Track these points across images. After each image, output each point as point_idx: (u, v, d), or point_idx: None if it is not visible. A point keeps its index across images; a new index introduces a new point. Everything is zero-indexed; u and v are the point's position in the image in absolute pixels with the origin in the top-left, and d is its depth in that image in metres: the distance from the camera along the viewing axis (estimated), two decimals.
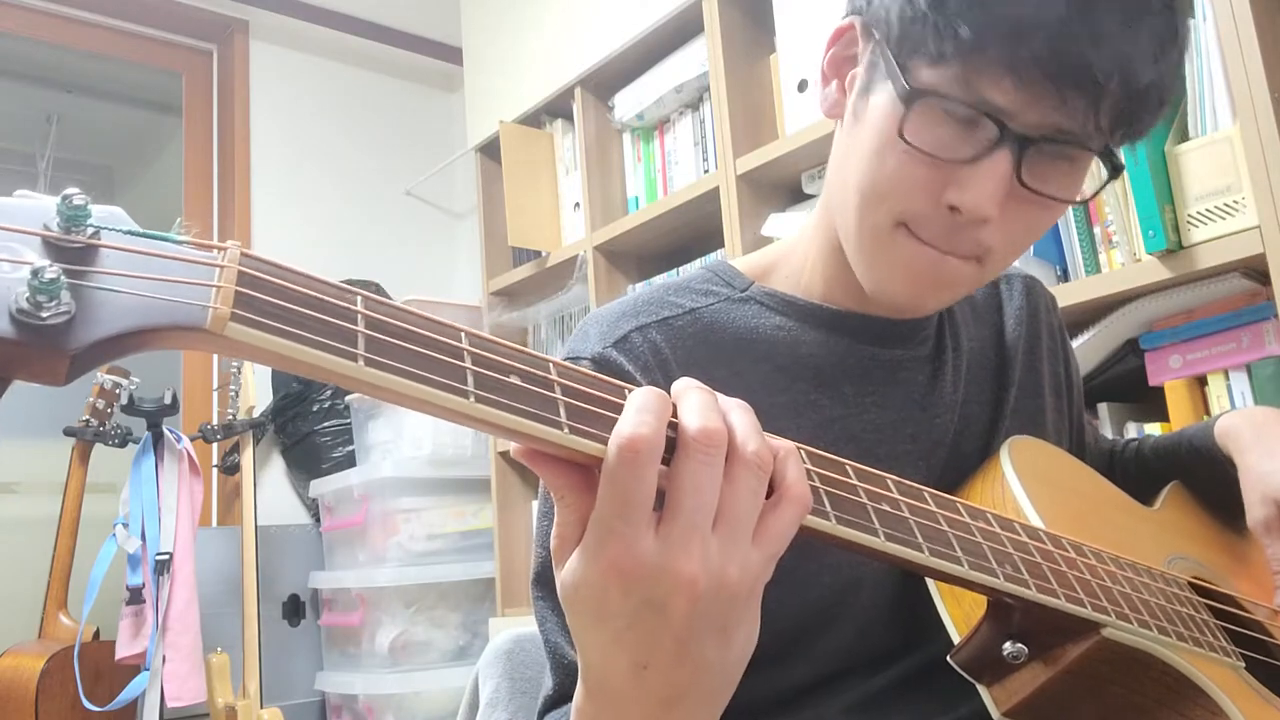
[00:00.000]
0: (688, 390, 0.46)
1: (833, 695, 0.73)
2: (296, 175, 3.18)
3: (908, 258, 0.69)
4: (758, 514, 0.45)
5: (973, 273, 0.70)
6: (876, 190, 0.68)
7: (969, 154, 0.64)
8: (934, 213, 0.67)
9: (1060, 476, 0.79)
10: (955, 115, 0.64)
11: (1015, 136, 0.63)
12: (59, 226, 0.36)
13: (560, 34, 2.49)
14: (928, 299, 0.73)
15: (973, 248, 0.68)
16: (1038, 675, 0.61)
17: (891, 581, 0.74)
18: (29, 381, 0.36)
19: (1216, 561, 0.85)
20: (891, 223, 0.69)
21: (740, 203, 2.01)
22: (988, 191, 0.64)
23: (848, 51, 0.74)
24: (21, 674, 2.23)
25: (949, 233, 0.67)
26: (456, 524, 2.61)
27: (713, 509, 0.44)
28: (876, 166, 0.68)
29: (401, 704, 2.43)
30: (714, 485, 0.44)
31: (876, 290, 0.73)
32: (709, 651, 0.45)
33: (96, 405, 2.45)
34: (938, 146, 0.65)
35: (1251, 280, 1.35)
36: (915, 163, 0.66)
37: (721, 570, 0.44)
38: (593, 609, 0.45)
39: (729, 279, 0.81)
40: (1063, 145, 0.65)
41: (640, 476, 0.42)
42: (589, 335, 0.76)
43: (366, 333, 0.40)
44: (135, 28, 3.10)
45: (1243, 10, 1.29)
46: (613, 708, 0.48)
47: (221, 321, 0.37)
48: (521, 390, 0.43)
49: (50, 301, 0.34)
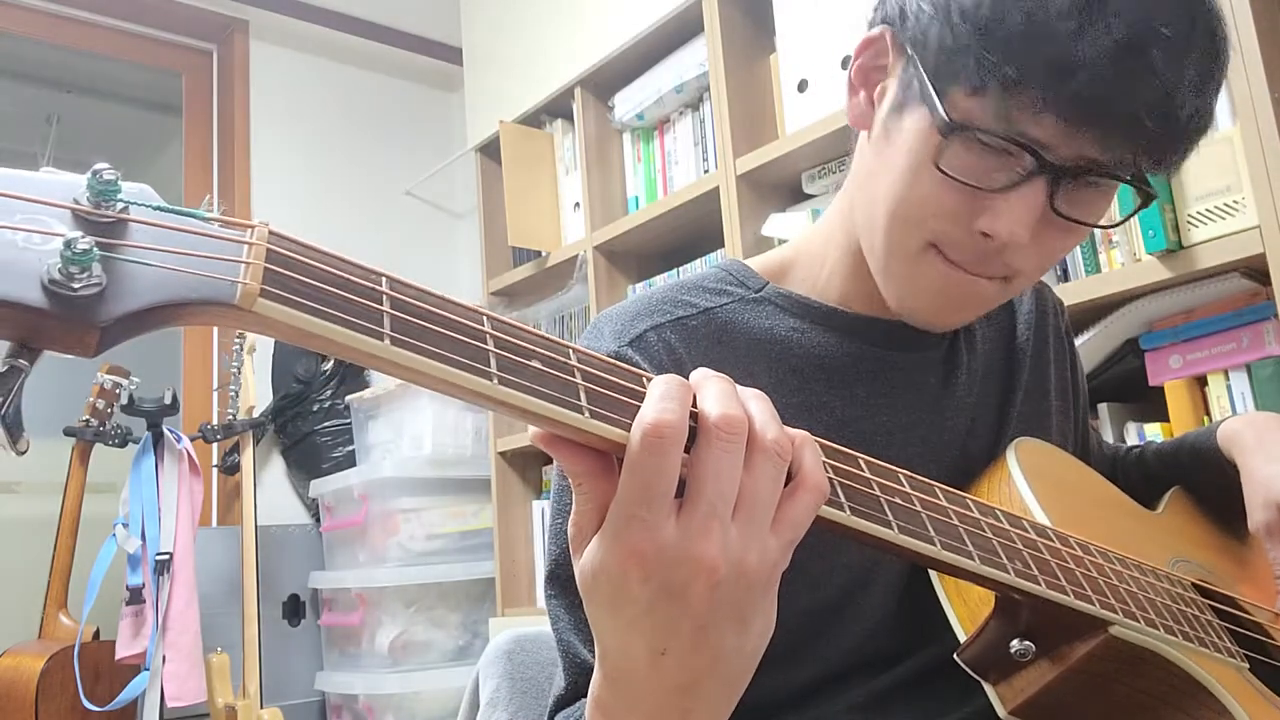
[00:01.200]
0: (707, 379, 0.46)
1: (839, 694, 0.73)
2: (296, 175, 3.17)
3: (938, 279, 0.69)
4: (776, 501, 0.45)
5: (998, 291, 0.71)
6: (908, 213, 0.68)
7: (1004, 183, 0.64)
8: (966, 237, 0.67)
9: (1065, 478, 0.79)
10: (992, 145, 0.64)
11: (1052, 168, 0.63)
12: (89, 201, 0.36)
13: (560, 34, 2.49)
14: (953, 318, 0.74)
15: (1001, 270, 0.69)
16: (1044, 673, 0.61)
17: (900, 581, 0.74)
18: (60, 353, 0.36)
19: (1218, 565, 0.85)
20: (922, 244, 0.69)
21: (740, 203, 2.02)
22: (1023, 220, 0.64)
23: (878, 62, 0.73)
24: (21, 674, 2.23)
25: (980, 257, 0.68)
26: (456, 524, 2.61)
27: (733, 496, 0.44)
28: (908, 189, 0.68)
29: (401, 704, 2.43)
30: (734, 473, 0.44)
31: (902, 307, 0.73)
32: (727, 638, 0.45)
33: (97, 405, 2.44)
34: (973, 175, 0.65)
35: (1251, 280, 1.35)
36: (949, 189, 0.66)
37: (741, 557, 0.44)
38: (611, 595, 0.45)
39: (744, 279, 0.81)
40: (1098, 176, 0.64)
41: (664, 463, 0.43)
42: (603, 333, 0.76)
43: (391, 313, 0.40)
44: (135, 28, 3.09)
45: (1243, 10, 1.29)
46: (630, 694, 0.48)
47: (251, 297, 0.37)
48: (543, 374, 0.43)
49: (82, 273, 0.34)
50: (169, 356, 3.04)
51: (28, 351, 0.35)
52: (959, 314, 0.74)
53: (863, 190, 0.74)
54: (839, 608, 0.73)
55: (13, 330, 0.35)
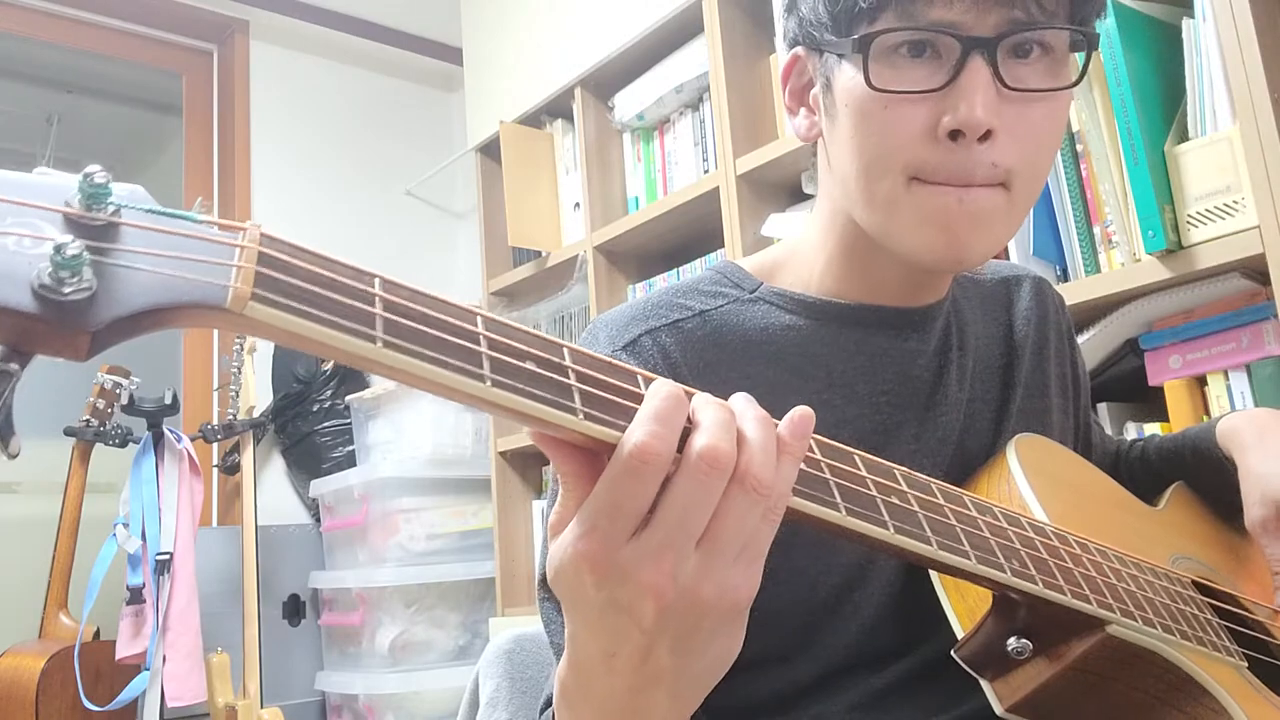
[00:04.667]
0: (707, 405, 0.45)
1: (836, 693, 0.73)
2: (296, 175, 3.18)
3: (932, 205, 0.68)
4: (748, 537, 0.45)
5: (1003, 202, 0.68)
6: (876, 156, 0.69)
7: (944, 78, 0.66)
8: (938, 150, 0.66)
9: (1066, 475, 0.79)
10: (915, 50, 0.66)
11: (977, 42, 0.65)
12: (80, 204, 0.36)
13: (560, 34, 2.49)
14: (968, 242, 0.69)
15: (989, 172, 0.67)
16: (1041, 671, 0.61)
17: (897, 579, 0.74)
18: (51, 357, 0.36)
19: (1219, 562, 0.85)
20: (904, 181, 0.68)
21: (740, 203, 2.02)
22: (979, 101, 0.64)
23: (803, 79, 0.77)
24: (22, 674, 2.23)
25: (961, 164, 0.66)
26: (456, 524, 2.61)
27: (699, 528, 0.44)
28: (866, 134, 0.69)
29: (401, 704, 2.43)
30: (705, 507, 0.43)
31: (917, 251, 0.70)
32: (676, 659, 0.46)
33: (97, 405, 2.44)
34: (912, 83, 0.66)
35: (1251, 280, 1.35)
36: (899, 111, 0.67)
37: (694, 586, 0.44)
38: (568, 592, 0.46)
39: (737, 280, 0.81)
40: (1026, 36, 0.66)
41: (639, 488, 0.43)
42: (598, 338, 0.76)
43: (384, 315, 0.40)
44: (135, 28, 3.09)
45: (1242, 10, 1.29)
46: (587, 684, 0.49)
47: (242, 301, 0.37)
48: (537, 375, 0.43)
49: (72, 278, 0.34)
50: (169, 356, 3.05)
51: (19, 356, 0.35)
52: (972, 236, 0.69)
53: (835, 174, 0.75)
54: (836, 605, 0.73)
55: (3, 335, 0.35)
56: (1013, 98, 0.66)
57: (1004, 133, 0.66)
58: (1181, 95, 1.40)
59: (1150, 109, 1.39)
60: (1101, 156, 1.46)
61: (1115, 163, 1.44)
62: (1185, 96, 1.39)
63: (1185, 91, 1.39)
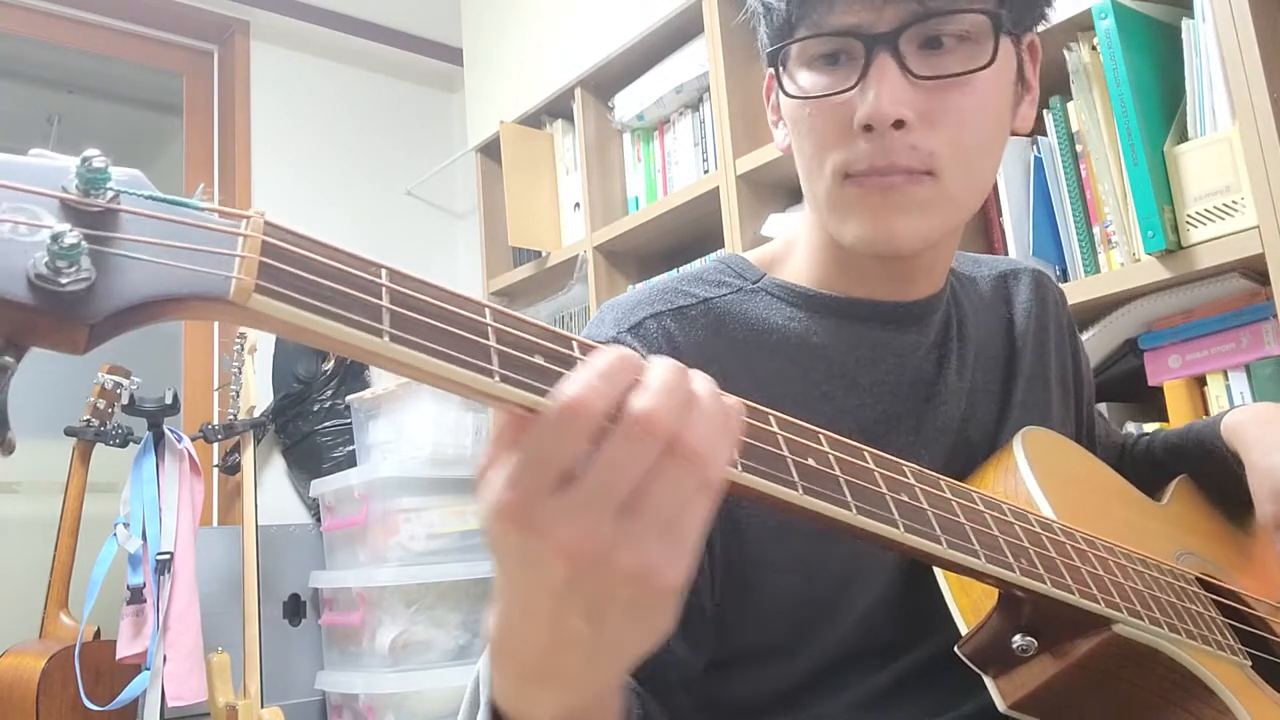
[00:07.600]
0: (658, 367, 0.42)
1: (836, 691, 0.73)
2: (296, 176, 3.17)
3: (859, 197, 0.72)
4: (680, 511, 0.41)
5: (931, 191, 0.71)
6: (810, 158, 0.74)
7: (855, 78, 0.69)
8: (858, 145, 0.70)
9: (1071, 469, 0.79)
10: (830, 59, 0.72)
11: (879, 39, 0.68)
12: (77, 189, 0.35)
13: (560, 34, 2.49)
14: (896, 228, 0.71)
15: (911, 157, 0.70)
16: (1046, 669, 0.61)
17: (896, 572, 0.74)
18: (47, 349, 0.34)
19: (1223, 557, 0.85)
20: (837, 181, 0.73)
21: (740, 203, 2.02)
22: (887, 95, 0.68)
23: (774, 95, 0.82)
24: (22, 674, 2.23)
25: (881, 153, 0.70)
26: (457, 523, 2.61)
27: (622, 492, 0.40)
28: (799, 140, 0.75)
29: (402, 703, 2.43)
30: (632, 471, 0.40)
31: (856, 243, 0.74)
32: (591, 627, 0.42)
33: (97, 405, 2.44)
34: (827, 88, 0.71)
35: (1250, 280, 1.36)
36: (822, 115, 0.72)
37: (610, 551, 0.40)
38: (493, 542, 0.43)
39: (741, 270, 0.82)
40: (928, 25, 0.68)
41: (566, 442, 0.40)
42: (604, 321, 0.78)
43: (391, 308, 0.39)
44: (135, 28, 3.09)
45: (1242, 10, 1.30)
46: (507, 637, 0.46)
47: (245, 293, 0.36)
48: (546, 370, 0.42)
49: (70, 268, 0.33)
50: (170, 356, 3.04)
51: (14, 348, 0.34)
52: (900, 222, 0.71)
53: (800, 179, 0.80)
54: (836, 598, 0.73)
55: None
56: (926, 86, 0.69)
57: (921, 120, 0.69)
58: (1181, 95, 1.40)
59: (1150, 109, 1.40)
60: (1101, 157, 1.46)
61: (1115, 163, 1.44)
62: (1185, 97, 1.39)
63: (1185, 92, 1.39)
